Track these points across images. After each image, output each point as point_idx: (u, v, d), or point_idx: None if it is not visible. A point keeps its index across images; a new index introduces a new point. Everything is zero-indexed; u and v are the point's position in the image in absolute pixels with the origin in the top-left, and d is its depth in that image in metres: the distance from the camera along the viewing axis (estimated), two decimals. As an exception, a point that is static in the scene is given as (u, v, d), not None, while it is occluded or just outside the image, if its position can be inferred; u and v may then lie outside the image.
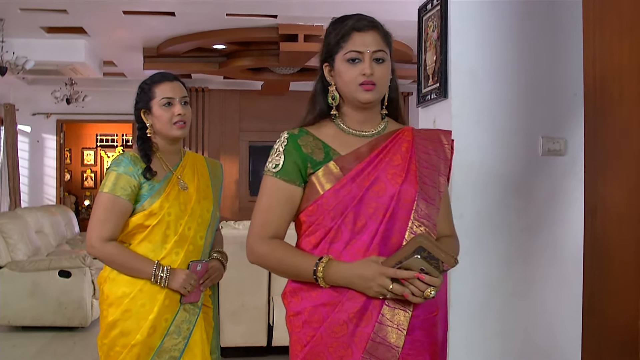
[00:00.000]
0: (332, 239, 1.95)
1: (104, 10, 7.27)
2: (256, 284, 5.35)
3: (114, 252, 2.70)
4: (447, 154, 2.10)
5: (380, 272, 1.84)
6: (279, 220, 2.03)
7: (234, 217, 11.54)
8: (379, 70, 2.00)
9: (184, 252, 2.74)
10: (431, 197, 2.00)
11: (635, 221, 1.93)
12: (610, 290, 2.08)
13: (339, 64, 2.02)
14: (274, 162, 2.07)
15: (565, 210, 3.25)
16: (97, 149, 15.00)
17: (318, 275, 1.91)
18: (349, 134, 2.07)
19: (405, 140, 2.05)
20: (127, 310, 2.69)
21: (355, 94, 2.00)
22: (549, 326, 3.24)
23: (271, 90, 11.46)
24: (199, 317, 2.79)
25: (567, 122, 3.26)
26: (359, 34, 2.00)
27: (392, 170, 1.99)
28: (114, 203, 2.68)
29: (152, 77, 2.85)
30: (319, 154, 2.02)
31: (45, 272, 6.32)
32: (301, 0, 6.89)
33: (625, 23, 1.96)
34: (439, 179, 2.05)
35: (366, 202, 1.95)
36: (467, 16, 3.22)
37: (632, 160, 1.95)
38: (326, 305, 1.93)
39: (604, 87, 2.09)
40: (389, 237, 1.94)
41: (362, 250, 1.93)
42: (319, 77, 2.13)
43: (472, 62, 3.22)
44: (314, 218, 1.99)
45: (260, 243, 2.02)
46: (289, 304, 2.04)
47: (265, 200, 2.05)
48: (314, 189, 1.99)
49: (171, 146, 2.85)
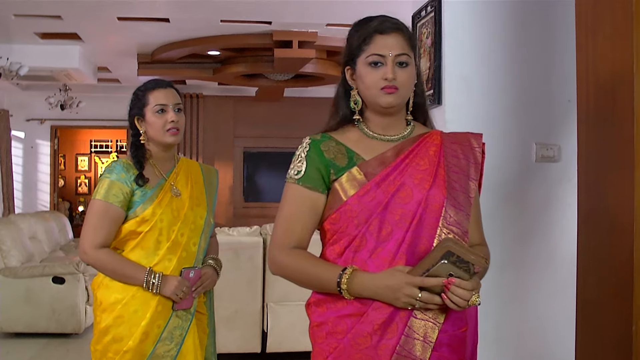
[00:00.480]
0: (356, 247, 1.88)
1: (98, 16, 7.27)
2: (250, 290, 5.34)
3: (106, 259, 2.70)
4: (477, 158, 2.00)
5: (407, 282, 1.75)
6: (302, 229, 1.95)
7: (228, 224, 11.52)
8: (402, 74, 1.92)
9: (176, 259, 2.74)
10: (460, 203, 1.91)
11: (628, 227, 1.94)
12: (603, 296, 2.08)
13: (361, 67, 1.95)
14: (296, 169, 1.97)
15: (559, 216, 3.25)
16: (92, 155, 14.98)
17: (342, 288, 1.82)
18: (374, 138, 1.99)
19: (432, 144, 1.97)
20: (120, 316, 2.68)
21: (377, 99, 1.93)
22: (543, 332, 3.24)
23: (266, 96, 11.46)
24: (192, 324, 2.78)
25: (561, 128, 3.27)
26: (382, 37, 1.93)
27: (419, 175, 1.90)
28: (106, 210, 2.69)
29: (146, 84, 2.85)
30: (342, 160, 1.95)
31: (38, 279, 6.30)
32: (295, 7, 6.90)
33: (618, 30, 1.97)
34: (469, 184, 1.96)
35: (392, 209, 1.87)
36: (460, 23, 3.23)
37: (625, 166, 1.96)
38: (351, 316, 1.85)
39: (597, 94, 2.10)
40: (416, 245, 1.85)
41: (388, 259, 1.84)
42: (340, 80, 2.06)
43: (466, 68, 3.22)
44: (338, 226, 1.91)
45: (282, 253, 1.94)
46: (312, 314, 1.96)
47: (288, 208, 1.97)
48: (338, 195, 1.92)
49: (165, 153, 2.85)
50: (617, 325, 1.99)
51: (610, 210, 2.06)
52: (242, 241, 5.41)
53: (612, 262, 2.03)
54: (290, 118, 11.90)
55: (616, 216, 2.02)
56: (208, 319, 2.94)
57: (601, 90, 2.07)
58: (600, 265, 2.10)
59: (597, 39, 2.08)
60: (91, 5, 6.84)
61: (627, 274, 1.93)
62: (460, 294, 1.73)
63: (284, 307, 5.36)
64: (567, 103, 3.22)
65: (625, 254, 1.94)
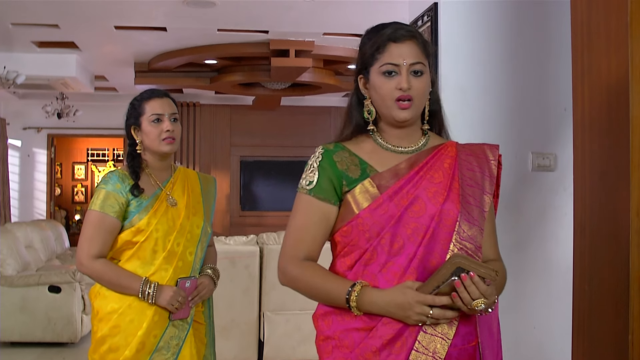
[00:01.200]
0: (367, 260, 1.83)
1: (95, 25, 7.28)
2: (247, 299, 5.34)
3: (102, 269, 2.70)
4: (492, 171, 1.97)
5: (418, 301, 1.72)
6: (312, 240, 1.91)
7: (225, 232, 11.51)
8: (416, 83, 1.87)
9: (172, 268, 2.73)
10: (474, 217, 1.87)
11: (624, 237, 1.94)
12: (600, 305, 2.08)
13: (374, 76, 1.90)
14: (308, 179, 1.92)
15: (555, 225, 3.26)
16: (88, 163, 14.96)
17: (351, 305, 1.79)
18: (387, 149, 1.95)
19: (448, 156, 1.93)
20: (116, 326, 2.68)
21: (391, 111, 1.88)
22: (538, 341, 3.24)
23: (262, 105, 11.47)
24: (189, 334, 2.77)
25: (557, 138, 3.28)
26: (396, 45, 1.87)
27: (433, 189, 1.86)
28: (102, 220, 2.70)
29: (142, 93, 2.86)
30: (354, 171, 1.90)
31: (34, 288, 6.28)
32: (292, 16, 6.91)
33: (612, 41, 1.98)
34: (484, 197, 1.92)
35: (404, 223, 1.82)
36: (457, 33, 3.24)
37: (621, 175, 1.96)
38: (359, 330, 1.81)
39: (592, 103, 2.11)
40: (428, 260, 1.81)
41: (399, 274, 1.80)
42: (354, 89, 2.01)
43: (462, 78, 3.23)
44: (349, 239, 1.87)
45: (292, 265, 1.90)
46: (319, 327, 1.92)
47: (299, 219, 1.93)
48: (349, 208, 1.87)
49: (161, 162, 2.85)
50: (613, 334, 1.99)
51: (606, 219, 2.06)
52: (238, 250, 5.41)
53: (608, 271, 2.03)
54: (287, 127, 11.92)
55: (612, 225, 2.02)
56: (206, 328, 2.93)
57: (597, 99, 2.08)
58: (596, 274, 2.10)
59: (592, 50, 2.09)
60: (88, 14, 6.85)
61: (623, 283, 1.93)
62: (471, 290, 1.69)
63: (281, 316, 5.35)
64: (563, 112, 3.23)
65: (621, 263, 1.95)
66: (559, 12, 3.20)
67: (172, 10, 6.73)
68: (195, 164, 11.85)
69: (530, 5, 3.27)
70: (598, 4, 2.06)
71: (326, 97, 11.47)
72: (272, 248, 5.42)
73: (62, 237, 9.26)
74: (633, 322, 1.90)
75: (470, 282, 1.68)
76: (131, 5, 6.57)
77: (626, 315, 1.91)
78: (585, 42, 2.12)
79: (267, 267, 5.36)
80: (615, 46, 1.97)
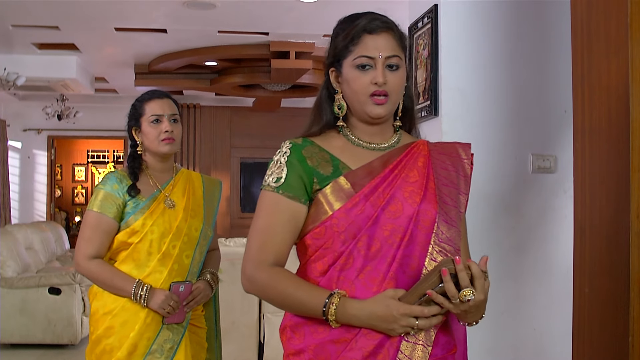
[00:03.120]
0: (342, 265, 1.70)
1: (95, 27, 7.28)
2: (247, 301, 5.34)
3: (97, 270, 2.71)
4: (466, 170, 1.86)
5: (403, 313, 1.60)
6: (280, 243, 1.75)
7: (225, 234, 11.51)
8: (392, 78, 1.76)
9: (167, 271, 2.72)
10: (452, 218, 1.76)
11: (624, 239, 1.94)
12: (600, 307, 2.08)
13: (347, 70, 1.78)
14: (275, 175, 1.77)
15: (556, 227, 3.25)
16: (88, 165, 14.97)
17: (330, 318, 1.65)
18: (359, 146, 1.83)
19: (421, 155, 1.82)
20: (110, 327, 2.69)
21: (365, 107, 1.77)
22: (539, 344, 3.23)
23: (262, 106, 11.47)
24: (185, 337, 2.76)
25: (557, 139, 3.27)
26: (371, 37, 1.75)
27: (409, 188, 1.75)
28: (99, 221, 2.71)
29: (143, 95, 2.87)
30: (326, 168, 1.77)
31: (34, 289, 6.29)
32: (292, 18, 6.92)
33: (612, 44, 1.98)
34: (459, 197, 1.81)
35: (381, 224, 1.70)
36: (457, 34, 3.24)
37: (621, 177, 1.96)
38: (335, 342, 1.68)
39: (592, 106, 2.11)
40: (408, 264, 1.70)
41: (378, 280, 1.68)
42: (324, 82, 1.89)
43: (462, 80, 3.23)
44: (322, 241, 1.73)
45: (258, 270, 1.73)
46: (288, 341, 1.77)
47: (265, 219, 1.77)
48: (321, 208, 1.74)
49: (162, 163, 2.85)
50: (613, 336, 1.99)
51: (607, 221, 2.06)
52: (238, 252, 5.41)
53: (608, 273, 2.03)
54: (287, 128, 11.91)
55: (612, 227, 2.02)
56: (208, 332, 2.92)
57: (597, 101, 2.08)
58: (596, 276, 2.10)
59: (592, 53, 2.09)
60: (89, 16, 6.85)
61: (623, 285, 1.93)
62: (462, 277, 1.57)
63: (281, 318, 5.33)
64: (563, 114, 3.23)
65: (621, 265, 1.95)
66: (559, 14, 3.20)
67: (173, 12, 6.74)
68: (196, 166, 11.86)
69: (530, 7, 3.27)
70: (598, 6, 2.06)
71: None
72: (272, 250, 5.41)
73: (62, 239, 9.26)
74: (633, 324, 1.90)
75: (462, 267, 1.57)
76: (131, 7, 6.58)
77: (626, 317, 1.91)
78: (585, 45, 2.12)
79: (267, 268, 5.35)
80: (615, 48, 1.97)
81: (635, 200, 1.91)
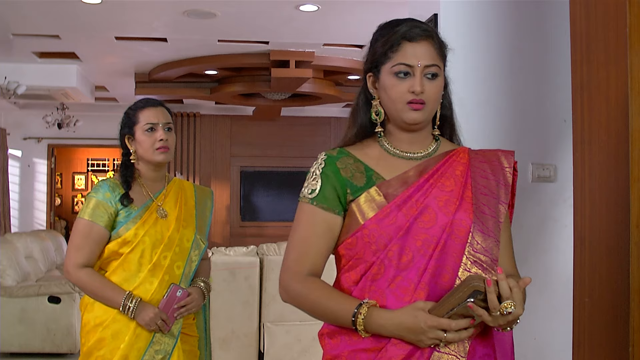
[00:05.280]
0: (374, 275, 1.71)
1: (96, 36, 7.29)
2: (246, 310, 5.33)
3: (87, 280, 2.68)
4: (507, 179, 1.82)
5: (431, 326, 1.59)
6: (316, 254, 1.78)
7: (225, 243, 11.50)
8: (430, 87, 1.75)
9: (158, 282, 2.69)
10: (489, 228, 1.73)
11: (624, 249, 1.94)
12: (600, 317, 2.08)
13: (385, 76, 1.77)
14: (310, 187, 1.79)
15: (555, 236, 3.25)
16: (88, 173, 14.96)
17: (358, 328, 1.66)
18: (395, 155, 1.82)
19: (460, 163, 1.81)
20: (102, 339, 2.66)
21: (401, 113, 1.76)
22: (539, 354, 3.23)
23: (263, 115, 11.48)
24: (176, 347, 2.72)
25: (557, 148, 3.28)
26: (411, 45, 1.75)
27: (444, 197, 1.73)
28: (90, 229, 2.68)
29: (137, 103, 2.84)
30: (360, 179, 1.78)
31: (34, 298, 6.27)
32: (293, 27, 6.93)
33: (611, 54, 1.98)
34: (499, 207, 1.77)
35: (413, 234, 1.69)
36: (456, 43, 3.24)
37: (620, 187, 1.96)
38: (367, 350, 1.69)
39: (591, 115, 2.11)
40: (440, 275, 1.68)
41: (410, 291, 1.67)
42: (361, 88, 1.88)
43: (462, 89, 3.23)
44: (354, 251, 1.75)
45: (295, 281, 1.76)
46: (325, 346, 1.79)
47: (301, 230, 1.79)
48: (354, 218, 1.75)
49: (155, 172, 2.83)
50: (614, 346, 1.98)
51: (607, 231, 2.06)
52: (238, 261, 5.40)
53: (608, 282, 2.03)
54: (287, 137, 11.93)
55: (612, 237, 2.02)
56: (200, 341, 2.89)
57: (596, 111, 2.08)
58: (597, 286, 2.09)
59: (592, 60, 2.10)
60: (89, 25, 6.87)
61: (624, 295, 1.93)
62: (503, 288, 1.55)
63: (281, 327, 5.34)
64: (563, 123, 3.23)
65: (621, 275, 1.94)
66: (558, 24, 3.21)
67: (173, 21, 6.75)
68: (195, 175, 11.86)
69: (529, 17, 3.28)
70: (597, 16, 2.07)
71: (326, 108, 11.49)
72: (272, 259, 5.41)
73: (62, 248, 9.25)
74: (633, 334, 1.89)
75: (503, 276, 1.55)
76: (132, 16, 6.59)
77: (626, 327, 1.91)
78: (585, 54, 2.13)
79: (267, 278, 5.35)
80: (614, 58, 1.98)
81: (635, 210, 1.90)
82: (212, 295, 3.72)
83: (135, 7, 6.25)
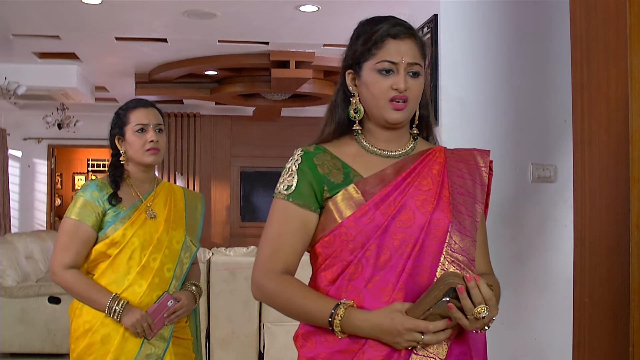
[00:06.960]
0: (350, 275, 1.68)
1: (96, 36, 7.30)
2: (247, 310, 5.33)
3: (73, 281, 2.62)
4: (483, 178, 1.82)
5: (408, 328, 1.57)
6: (290, 251, 1.75)
7: (225, 244, 11.50)
8: (413, 85, 1.74)
9: (147, 284, 2.65)
10: (466, 228, 1.72)
11: (624, 249, 1.94)
12: (600, 318, 2.08)
13: (368, 73, 1.76)
14: (286, 183, 1.77)
15: (555, 237, 3.25)
16: (88, 173, 14.96)
17: (335, 329, 1.64)
18: (372, 153, 1.81)
19: (436, 162, 1.80)
20: (91, 344, 2.61)
21: (383, 112, 1.75)
22: (539, 355, 3.23)
23: (263, 116, 11.48)
24: (168, 351, 2.68)
25: (557, 149, 3.27)
26: (395, 42, 1.74)
27: (422, 196, 1.72)
28: (77, 229, 2.62)
29: (127, 103, 2.82)
30: (337, 175, 1.76)
31: (34, 298, 6.27)
32: (293, 27, 6.93)
33: (611, 54, 1.98)
34: (475, 207, 1.76)
35: (391, 233, 1.67)
36: (457, 44, 3.24)
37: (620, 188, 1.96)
38: (344, 352, 1.66)
39: (592, 116, 2.11)
40: (418, 275, 1.67)
41: (387, 291, 1.65)
42: (339, 85, 1.87)
43: (462, 90, 3.24)
44: (331, 250, 1.72)
45: (267, 278, 1.73)
46: (301, 348, 1.77)
47: (275, 227, 1.77)
48: (331, 216, 1.72)
49: (144, 174, 2.80)
50: (614, 347, 1.98)
51: (607, 231, 2.06)
52: (238, 261, 5.40)
53: (608, 283, 2.03)
54: (287, 138, 11.92)
55: (612, 237, 2.02)
56: (194, 344, 2.85)
57: (596, 111, 2.08)
58: (597, 286, 2.09)
59: (592, 60, 2.10)
60: (89, 26, 6.87)
61: (624, 295, 1.93)
62: (474, 294, 1.54)
63: (281, 328, 5.34)
64: (563, 123, 3.23)
65: (621, 276, 1.94)
66: (559, 24, 3.21)
67: (173, 22, 6.75)
68: (196, 175, 11.85)
69: (530, 18, 3.28)
70: (597, 16, 2.07)
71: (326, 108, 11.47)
72: (272, 259, 5.40)
73: (62, 248, 9.23)
74: (634, 334, 1.89)
75: (474, 283, 1.54)
76: (132, 17, 6.59)
77: (627, 327, 1.91)
78: (585, 55, 2.13)
79: (267, 278, 5.34)
80: (614, 58, 1.98)
81: (636, 210, 1.90)
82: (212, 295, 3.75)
83: (135, 7, 6.26)
